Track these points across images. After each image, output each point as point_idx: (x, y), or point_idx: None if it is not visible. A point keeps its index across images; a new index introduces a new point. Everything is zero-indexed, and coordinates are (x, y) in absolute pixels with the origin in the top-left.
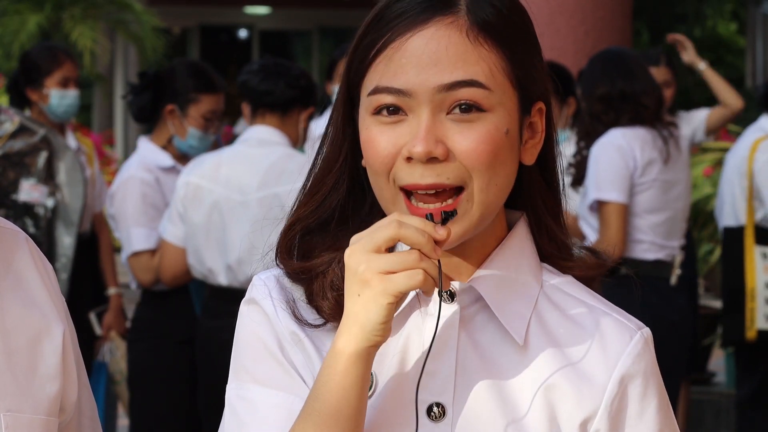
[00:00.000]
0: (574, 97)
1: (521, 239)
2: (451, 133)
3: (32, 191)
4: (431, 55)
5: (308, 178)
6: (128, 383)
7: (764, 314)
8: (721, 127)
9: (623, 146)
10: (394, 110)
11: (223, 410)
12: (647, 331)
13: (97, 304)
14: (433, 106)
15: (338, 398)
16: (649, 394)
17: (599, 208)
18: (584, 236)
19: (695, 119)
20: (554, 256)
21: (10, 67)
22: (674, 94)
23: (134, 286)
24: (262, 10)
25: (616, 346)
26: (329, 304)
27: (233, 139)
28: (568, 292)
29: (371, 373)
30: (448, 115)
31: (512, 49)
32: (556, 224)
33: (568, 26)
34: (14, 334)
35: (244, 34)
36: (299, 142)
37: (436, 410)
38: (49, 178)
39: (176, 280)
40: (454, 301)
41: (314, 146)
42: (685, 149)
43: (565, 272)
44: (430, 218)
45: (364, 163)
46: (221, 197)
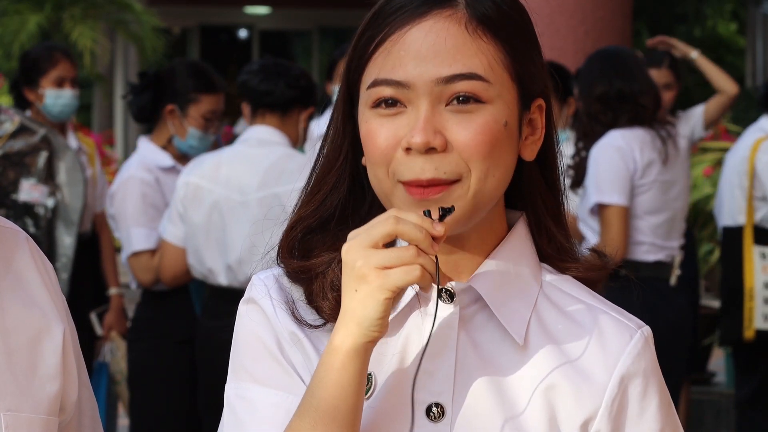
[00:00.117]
0: (573, 97)
1: (521, 239)
2: (449, 124)
3: (32, 191)
4: (430, 47)
5: (309, 177)
6: (128, 383)
7: (762, 314)
8: (720, 116)
9: (623, 148)
10: (393, 103)
11: (222, 410)
12: (647, 329)
13: (98, 304)
14: (432, 97)
15: (335, 395)
16: (650, 393)
17: (600, 211)
18: (583, 237)
19: (692, 116)
20: (553, 257)
21: (10, 67)
22: (676, 96)
23: (134, 286)
24: (262, 10)
25: (616, 345)
26: (329, 304)
27: (233, 139)
28: (567, 291)
29: (370, 373)
30: (447, 106)
31: (511, 43)
32: (556, 225)
33: (568, 26)
34: (14, 333)
35: (244, 34)
36: (299, 142)
37: (435, 410)
38: (49, 178)
39: (176, 280)
40: (453, 301)
41: (315, 146)
42: (683, 148)
43: (564, 272)
44: (427, 214)
45: (364, 161)
46: (221, 197)
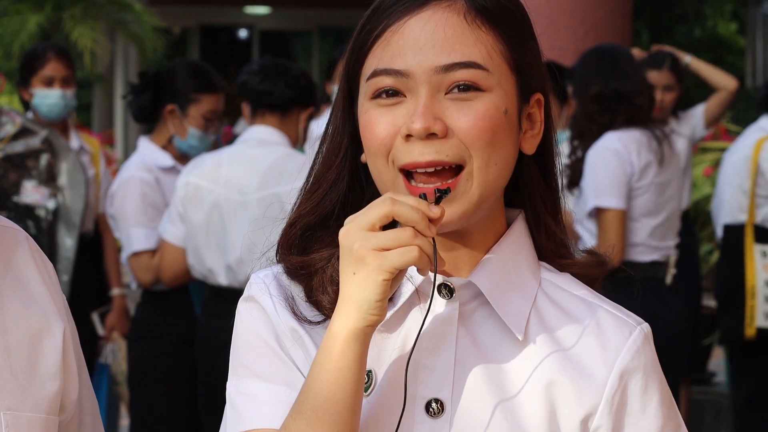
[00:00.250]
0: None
1: (520, 236)
2: (450, 111)
3: (34, 193)
4: (429, 36)
5: (309, 175)
6: (128, 383)
7: (764, 312)
8: (721, 114)
9: (620, 151)
10: (392, 93)
11: (222, 410)
12: (646, 326)
13: (101, 304)
14: (431, 86)
15: (335, 380)
16: (650, 389)
17: (598, 214)
18: (579, 237)
19: (693, 116)
20: (552, 254)
21: (10, 67)
22: (677, 98)
23: (134, 286)
24: (262, 10)
25: (615, 341)
26: (329, 298)
27: (233, 139)
28: (566, 289)
29: (370, 370)
30: (446, 95)
31: (509, 33)
32: (554, 223)
33: (568, 26)
34: (14, 332)
35: (244, 34)
36: (299, 142)
37: (434, 406)
38: (50, 179)
39: (176, 280)
40: (453, 297)
41: (314, 146)
42: (684, 148)
43: (563, 270)
44: (423, 198)
45: (363, 158)
46: (221, 197)
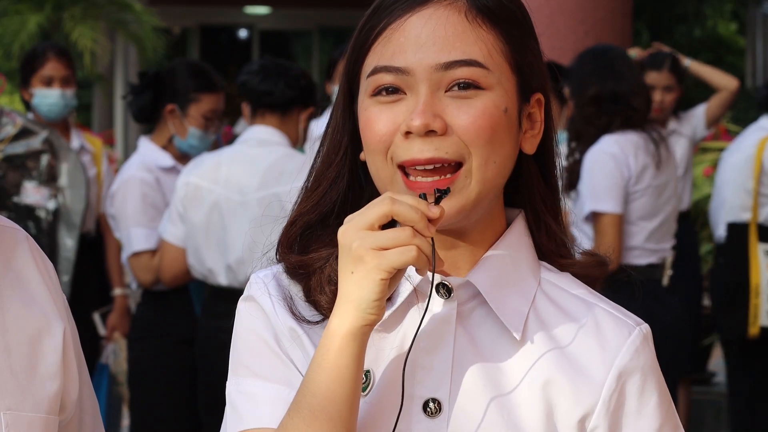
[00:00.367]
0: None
1: (519, 235)
2: (449, 109)
3: (34, 194)
4: (430, 34)
5: (309, 174)
6: (128, 383)
7: (767, 311)
8: (722, 113)
9: (617, 154)
10: (392, 90)
11: (222, 410)
12: (646, 327)
13: (103, 304)
14: (431, 83)
15: (332, 379)
16: (648, 389)
17: (594, 218)
18: (575, 240)
19: (694, 117)
20: (553, 253)
21: (10, 67)
22: (677, 99)
23: (135, 286)
24: (262, 10)
25: (614, 342)
26: (326, 298)
27: (233, 139)
28: (566, 288)
29: (368, 370)
30: (446, 93)
31: (510, 33)
32: (555, 222)
33: (568, 26)
34: (14, 332)
35: (244, 34)
36: (299, 142)
37: (432, 406)
38: (50, 180)
39: (176, 280)
40: (451, 296)
41: (314, 146)
42: (683, 148)
43: (563, 270)
44: (423, 197)
45: (362, 156)
46: (221, 197)
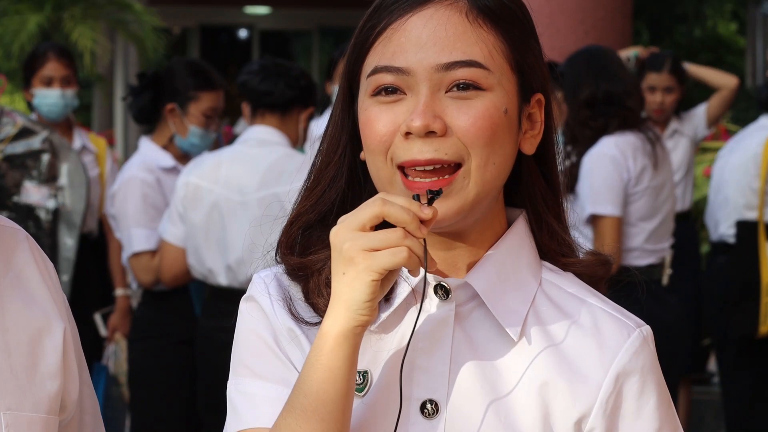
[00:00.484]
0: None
1: (520, 236)
2: (449, 110)
3: (34, 193)
4: (430, 34)
5: (309, 173)
6: (128, 383)
7: None
8: (723, 112)
9: (617, 157)
10: (393, 90)
11: (222, 410)
12: (647, 329)
13: (104, 304)
14: (431, 84)
15: (324, 379)
16: (647, 391)
17: (594, 221)
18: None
19: (695, 116)
20: (555, 252)
21: (10, 67)
22: (677, 99)
23: (135, 286)
24: (262, 10)
25: (613, 343)
26: (324, 301)
27: (233, 139)
28: (567, 289)
29: (366, 371)
30: (446, 93)
31: (511, 33)
32: (557, 222)
33: (568, 26)
34: (14, 331)
35: (244, 34)
36: (299, 142)
37: (429, 407)
38: (51, 180)
39: (176, 280)
40: (449, 297)
41: (314, 146)
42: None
43: (566, 269)
44: (416, 198)
45: (362, 155)
46: (221, 197)
